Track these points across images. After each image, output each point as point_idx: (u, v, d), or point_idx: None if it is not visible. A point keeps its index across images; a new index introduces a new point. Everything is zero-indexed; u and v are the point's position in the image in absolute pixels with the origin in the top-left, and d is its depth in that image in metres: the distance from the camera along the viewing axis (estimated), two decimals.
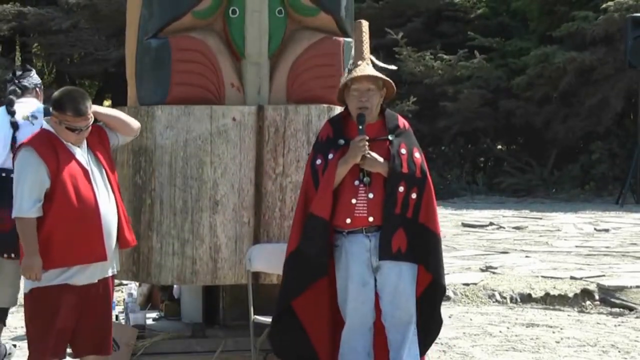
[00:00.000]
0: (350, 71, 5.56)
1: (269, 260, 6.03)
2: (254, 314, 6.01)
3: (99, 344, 5.26)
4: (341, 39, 6.33)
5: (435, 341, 7.34)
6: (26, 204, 4.98)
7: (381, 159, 5.40)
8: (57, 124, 5.11)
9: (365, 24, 5.74)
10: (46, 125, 5.17)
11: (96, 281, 5.15)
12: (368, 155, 5.36)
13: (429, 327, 5.65)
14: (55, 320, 5.06)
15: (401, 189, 5.39)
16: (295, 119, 6.14)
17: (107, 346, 5.30)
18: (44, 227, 5.00)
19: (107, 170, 5.22)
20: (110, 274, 5.25)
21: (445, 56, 20.29)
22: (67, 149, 5.09)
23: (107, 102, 28.51)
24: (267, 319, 5.95)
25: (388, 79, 5.52)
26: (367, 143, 5.34)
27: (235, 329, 6.41)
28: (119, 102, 5.51)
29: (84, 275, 5.09)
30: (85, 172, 5.09)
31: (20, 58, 25.30)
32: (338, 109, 5.98)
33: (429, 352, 6.85)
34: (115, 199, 5.21)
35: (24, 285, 5.20)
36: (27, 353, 6.55)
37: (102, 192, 5.14)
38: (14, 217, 5.04)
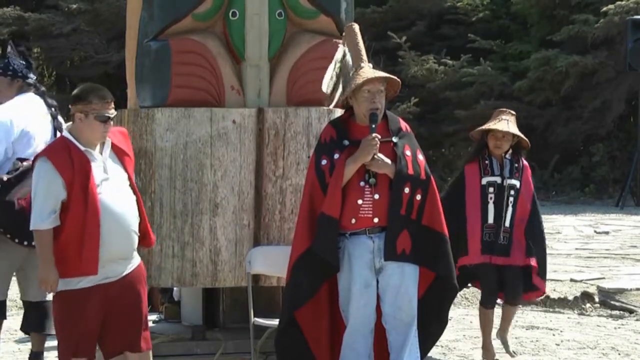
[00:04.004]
0: (354, 74, 5.56)
1: (269, 263, 6.03)
2: (254, 317, 6.01)
3: (132, 341, 5.20)
4: (340, 41, 6.32)
5: (436, 343, 7.38)
6: (40, 216, 4.98)
7: (388, 161, 5.41)
8: (82, 120, 5.05)
9: (356, 27, 5.75)
10: (66, 133, 5.14)
11: (115, 279, 5.10)
12: (376, 156, 5.37)
13: (432, 327, 5.65)
14: (79, 323, 5.05)
15: (406, 190, 5.41)
16: (296, 122, 6.14)
17: (139, 343, 5.21)
18: (62, 236, 4.99)
19: (129, 175, 5.20)
20: (128, 270, 5.16)
21: (449, 61, 20.31)
22: (84, 156, 5.03)
23: None
24: (267, 322, 5.95)
25: (397, 78, 5.56)
26: (378, 142, 5.36)
27: (235, 331, 6.42)
28: (119, 104, 5.51)
29: (100, 274, 5.04)
30: (103, 179, 5.05)
31: None
32: (338, 112, 5.99)
33: (430, 354, 6.88)
34: (137, 201, 5.19)
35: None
36: (26, 355, 6.61)
37: (120, 198, 5.09)
38: (31, 229, 5.05)
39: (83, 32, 22.07)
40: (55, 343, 7.20)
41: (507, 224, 6.87)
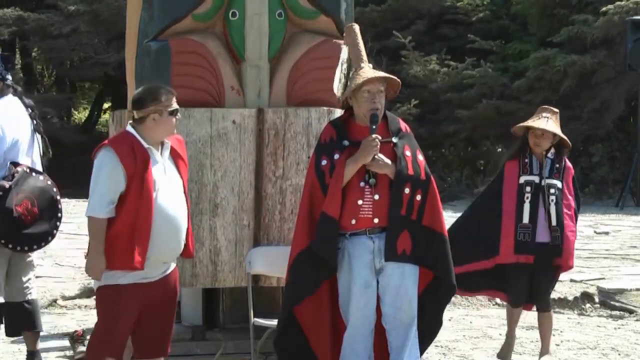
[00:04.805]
0: (354, 74, 5.55)
1: (269, 263, 6.03)
2: (254, 317, 6.01)
3: (160, 346, 5.21)
4: (341, 41, 6.33)
5: (436, 344, 7.37)
6: (99, 204, 4.98)
7: (388, 161, 5.41)
8: (157, 119, 5.05)
9: (356, 27, 5.74)
10: (129, 128, 5.13)
11: (153, 280, 5.10)
12: (376, 157, 5.37)
13: (430, 326, 5.65)
14: (119, 320, 5.05)
15: (407, 190, 5.41)
16: (295, 122, 6.14)
17: (166, 348, 5.24)
18: (113, 228, 4.99)
19: (184, 181, 5.21)
20: (165, 273, 5.17)
21: (452, 62, 20.32)
22: (146, 153, 5.04)
23: (107, 105, 28.60)
24: (267, 322, 5.95)
25: (397, 78, 5.56)
26: (378, 143, 5.35)
27: (235, 331, 6.42)
28: (119, 105, 5.51)
29: (145, 273, 5.05)
30: (161, 179, 5.06)
31: (20, 62, 25.34)
32: (338, 112, 5.99)
33: (429, 354, 6.87)
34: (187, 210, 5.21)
35: (94, 282, 5.21)
36: (25, 355, 6.60)
37: (174, 201, 5.09)
38: (86, 215, 5.06)
39: (82, 32, 22.09)
40: (50, 344, 7.25)
41: (555, 222, 6.68)
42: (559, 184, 6.77)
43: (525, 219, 6.71)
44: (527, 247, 6.69)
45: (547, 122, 6.84)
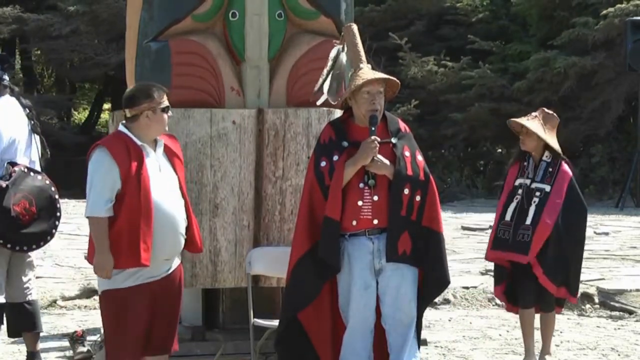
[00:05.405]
0: (353, 75, 5.56)
1: (269, 264, 6.03)
2: (254, 317, 6.01)
3: (166, 342, 5.23)
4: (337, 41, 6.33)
5: (435, 344, 7.37)
6: (98, 204, 5.01)
7: (387, 162, 5.41)
8: (150, 117, 5.10)
9: (355, 28, 5.74)
10: (122, 128, 5.16)
11: (159, 278, 5.12)
12: (375, 158, 5.37)
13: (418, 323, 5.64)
14: (132, 323, 5.06)
15: (406, 191, 5.42)
16: (295, 122, 6.15)
17: (171, 344, 5.26)
18: (114, 227, 5.01)
19: (180, 178, 5.24)
20: (171, 270, 5.19)
21: (449, 63, 20.32)
22: (140, 150, 5.09)
23: (107, 106, 28.59)
24: (267, 322, 5.95)
25: (396, 79, 5.56)
26: (377, 145, 5.35)
27: (235, 332, 6.42)
28: (119, 105, 5.51)
29: (147, 272, 5.07)
30: (156, 176, 5.09)
31: (20, 63, 25.35)
32: (338, 112, 5.99)
33: (429, 355, 6.86)
34: (186, 204, 5.22)
35: (98, 286, 5.22)
36: (24, 355, 6.61)
37: (170, 198, 5.13)
38: (86, 216, 5.08)
39: (82, 33, 22.09)
40: (50, 344, 7.25)
41: (529, 221, 6.62)
42: (547, 188, 6.71)
43: (507, 217, 6.70)
44: (505, 244, 6.68)
45: (533, 120, 6.81)
